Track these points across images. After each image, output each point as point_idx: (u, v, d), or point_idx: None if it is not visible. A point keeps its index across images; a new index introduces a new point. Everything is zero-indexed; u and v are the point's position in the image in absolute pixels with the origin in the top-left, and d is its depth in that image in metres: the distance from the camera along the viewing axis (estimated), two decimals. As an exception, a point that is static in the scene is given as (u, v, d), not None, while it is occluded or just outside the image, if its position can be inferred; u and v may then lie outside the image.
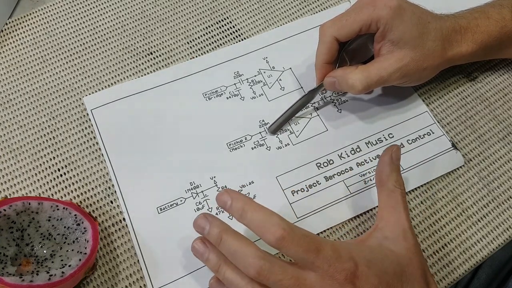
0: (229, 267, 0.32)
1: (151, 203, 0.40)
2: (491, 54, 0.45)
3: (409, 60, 0.40)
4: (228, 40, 0.48)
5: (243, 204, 0.32)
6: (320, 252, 0.31)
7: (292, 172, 0.42)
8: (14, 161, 0.42)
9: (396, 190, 0.36)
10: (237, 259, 0.31)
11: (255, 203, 0.32)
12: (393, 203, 0.36)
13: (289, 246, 0.30)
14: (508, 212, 0.41)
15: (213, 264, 0.33)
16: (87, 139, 0.43)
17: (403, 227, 0.35)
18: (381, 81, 0.40)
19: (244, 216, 0.32)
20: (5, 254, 0.35)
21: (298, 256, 0.31)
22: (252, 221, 0.32)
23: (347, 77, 0.40)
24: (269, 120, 0.44)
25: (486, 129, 0.45)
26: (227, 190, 0.33)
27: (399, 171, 0.37)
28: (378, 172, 0.37)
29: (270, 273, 0.30)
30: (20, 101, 0.44)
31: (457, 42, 0.41)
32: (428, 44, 0.40)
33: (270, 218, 0.31)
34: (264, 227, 0.31)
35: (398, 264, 0.33)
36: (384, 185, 0.36)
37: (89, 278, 0.37)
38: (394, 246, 0.34)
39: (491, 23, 0.42)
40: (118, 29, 0.48)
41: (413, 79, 0.42)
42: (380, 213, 0.36)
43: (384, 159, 0.37)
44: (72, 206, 0.37)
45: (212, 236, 0.33)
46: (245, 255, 0.31)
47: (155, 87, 0.45)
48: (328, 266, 0.30)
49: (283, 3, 0.51)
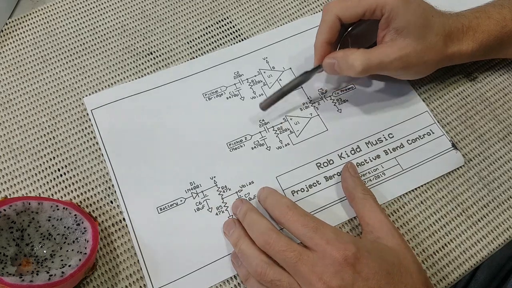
0: (245, 241, 0.36)
1: (151, 203, 0.40)
2: (491, 54, 0.45)
3: (411, 50, 0.40)
4: (228, 40, 0.48)
5: (267, 193, 0.39)
6: (319, 230, 0.34)
7: (292, 172, 0.42)
8: (14, 161, 0.42)
9: (367, 196, 0.38)
10: (252, 229, 0.36)
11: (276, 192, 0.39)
12: (369, 208, 0.38)
13: (290, 221, 0.35)
14: (508, 212, 0.41)
15: (234, 237, 0.37)
16: (87, 139, 0.43)
17: (388, 227, 0.36)
18: (381, 66, 0.40)
19: (266, 200, 0.38)
20: (5, 254, 0.35)
21: (298, 232, 0.34)
22: (269, 203, 0.38)
23: (347, 57, 0.40)
24: (269, 120, 0.44)
25: (486, 129, 0.45)
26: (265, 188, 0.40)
27: (362, 182, 0.40)
28: (344, 188, 0.40)
29: (276, 242, 0.33)
30: (20, 101, 0.44)
31: (458, 40, 0.41)
32: (431, 38, 0.40)
33: (281, 199, 0.37)
34: (275, 206, 0.37)
35: (395, 256, 0.34)
36: (354, 197, 0.39)
37: (89, 278, 0.37)
38: (387, 243, 0.35)
39: (491, 23, 0.42)
40: (118, 29, 0.48)
41: (412, 72, 0.42)
42: (363, 220, 0.38)
43: (345, 175, 0.40)
44: (72, 206, 0.37)
45: (241, 212, 0.38)
46: (259, 226, 0.35)
47: (155, 88, 0.45)
48: (326, 243, 0.33)
49: (283, 3, 0.51)
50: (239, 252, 0.36)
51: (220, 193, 0.41)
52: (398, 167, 0.42)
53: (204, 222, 0.40)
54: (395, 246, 0.35)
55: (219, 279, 0.38)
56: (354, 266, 0.32)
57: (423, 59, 0.40)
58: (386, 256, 0.34)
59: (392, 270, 0.33)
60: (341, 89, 0.46)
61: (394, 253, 0.34)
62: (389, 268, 0.33)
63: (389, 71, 0.41)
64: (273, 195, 0.38)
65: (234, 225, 0.38)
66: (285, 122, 0.44)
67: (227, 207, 0.40)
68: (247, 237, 0.36)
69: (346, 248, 0.32)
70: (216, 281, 0.38)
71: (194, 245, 0.39)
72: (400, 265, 0.34)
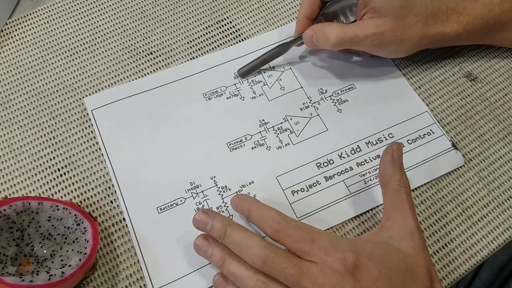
0: (233, 261, 0.33)
1: (151, 203, 0.40)
2: (477, 39, 0.45)
3: (386, 29, 0.41)
4: (228, 40, 0.48)
5: (249, 204, 0.35)
6: (315, 242, 0.32)
7: (292, 172, 0.42)
8: (14, 161, 0.42)
9: (401, 189, 0.35)
10: (242, 250, 0.32)
11: (259, 203, 0.35)
12: (399, 202, 0.35)
13: (284, 237, 0.32)
14: (508, 212, 0.41)
15: (217, 259, 0.34)
16: (87, 139, 0.43)
17: (410, 227, 0.34)
18: (355, 40, 0.41)
19: (250, 214, 0.35)
20: (5, 254, 0.35)
21: (294, 246, 0.32)
22: (255, 218, 0.34)
23: (324, 29, 0.42)
24: (269, 120, 0.44)
25: (486, 129, 0.45)
26: (238, 195, 0.38)
27: (402, 169, 0.36)
28: (381, 172, 0.37)
29: (275, 261, 0.31)
30: (20, 101, 0.44)
31: (442, 21, 0.42)
32: (409, 18, 0.41)
33: (269, 213, 0.34)
34: (263, 221, 0.34)
35: (401, 260, 0.33)
36: (388, 185, 0.36)
37: (89, 278, 0.37)
38: (400, 244, 0.34)
39: (478, 6, 0.42)
40: (118, 29, 0.48)
41: (390, 50, 0.43)
42: (386, 213, 0.36)
43: (385, 158, 0.37)
44: (72, 206, 0.37)
45: (215, 230, 0.34)
46: (251, 245, 0.32)
47: (155, 88, 0.45)
48: (324, 255, 0.31)
49: (283, 3, 0.51)
50: (229, 275, 0.33)
51: (220, 193, 0.41)
52: (398, 167, 0.42)
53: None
54: (407, 249, 0.33)
55: (219, 279, 0.38)
56: (354, 275, 0.31)
57: (400, 38, 0.41)
58: (390, 260, 0.32)
59: (395, 275, 0.32)
60: (341, 89, 0.46)
61: (400, 257, 0.33)
62: (390, 274, 0.32)
63: (364, 47, 0.42)
64: (257, 209, 0.35)
65: (209, 244, 0.35)
66: (285, 122, 0.44)
67: (227, 207, 0.40)
68: (233, 256, 0.33)
69: (345, 257, 0.31)
70: (216, 281, 0.38)
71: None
72: (405, 270, 0.32)
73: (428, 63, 0.48)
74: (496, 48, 0.49)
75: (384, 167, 0.37)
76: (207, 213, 0.35)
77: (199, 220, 0.35)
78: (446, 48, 0.47)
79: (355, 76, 0.47)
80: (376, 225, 0.40)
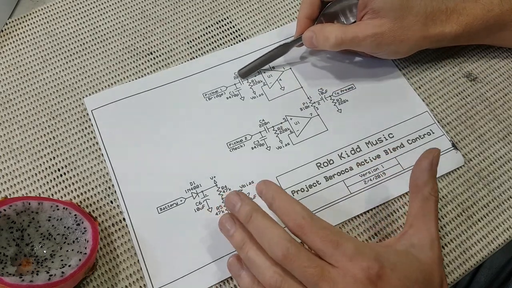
0: (253, 246, 0.32)
1: (151, 203, 0.40)
2: (477, 39, 0.45)
3: (386, 30, 0.41)
4: (228, 40, 0.48)
5: (274, 192, 0.33)
6: (340, 246, 0.31)
7: (292, 172, 0.42)
8: (14, 161, 0.42)
9: (431, 198, 0.35)
10: (264, 238, 0.31)
11: (285, 193, 0.33)
12: (426, 211, 0.35)
13: (307, 234, 0.31)
14: (508, 212, 0.41)
15: (238, 240, 0.33)
16: (87, 139, 0.43)
17: (432, 237, 0.34)
18: (355, 41, 0.41)
19: (273, 203, 0.33)
20: (5, 254, 0.35)
21: (316, 247, 0.31)
22: (279, 209, 0.33)
23: (324, 30, 0.42)
24: (269, 120, 0.44)
25: (486, 129, 0.45)
26: (264, 180, 0.34)
27: (436, 178, 0.35)
28: (414, 177, 0.36)
29: (296, 257, 0.30)
30: (20, 101, 0.44)
31: (441, 22, 0.42)
32: (409, 18, 0.41)
33: (294, 206, 0.32)
34: (287, 213, 0.32)
35: (421, 272, 0.32)
36: (419, 191, 0.35)
37: (89, 278, 0.37)
38: (420, 254, 0.33)
39: (478, 7, 0.42)
40: (118, 29, 0.48)
41: (390, 51, 0.43)
42: (410, 220, 0.35)
43: (422, 164, 0.35)
44: (72, 206, 0.37)
45: (242, 213, 0.33)
46: (274, 234, 0.31)
47: (155, 88, 0.45)
48: (348, 261, 0.30)
49: (283, 3, 0.51)
50: (247, 259, 0.33)
51: (220, 193, 0.41)
52: (398, 166, 0.42)
53: (204, 222, 0.39)
54: (427, 260, 0.33)
55: (219, 279, 0.38)
56: (376, 285, 0.30)
57: (399, 39, 0.41)
58: (411, 272, 0.32)
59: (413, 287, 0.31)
60: (341, 89, 0.46)
61: (421, 268, 0.33)
62: (409, 285, 0.31)
63: (364, 47, 0.42)
64: (282, 199, 0.33)
65: (234, 224, 0.34)
66: (285, 122, 0.44)
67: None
68: (254, 242, 0.32)
69: (369, 266, 0.30)
70: (216, 281, 0.38)
71: (194, 245, 0.39)
72: (422, 282, 0.32)
73: (428, 63, 0.48)
74: (496, 48, 0.49)
75: (420, 172, 0.35)
76: (239, 195, 0.34)
77: (230, 200, 0.34)
78: (446, 48, 0.47)
79: (355, 76, 0.47)
80: (376, 225, 0.40)
